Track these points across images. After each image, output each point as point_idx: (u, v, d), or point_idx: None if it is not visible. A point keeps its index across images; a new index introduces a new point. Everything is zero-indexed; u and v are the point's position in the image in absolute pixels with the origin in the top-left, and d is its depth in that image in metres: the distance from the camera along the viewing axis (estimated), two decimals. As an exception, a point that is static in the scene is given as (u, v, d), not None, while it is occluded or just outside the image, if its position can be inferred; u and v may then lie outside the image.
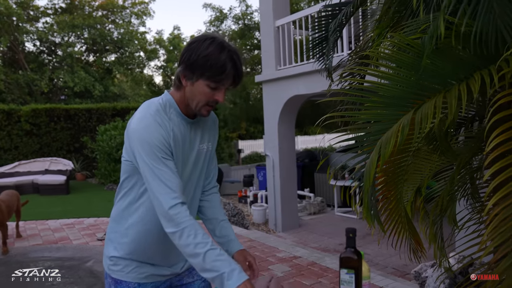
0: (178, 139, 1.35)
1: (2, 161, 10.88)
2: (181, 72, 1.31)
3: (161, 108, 1.34)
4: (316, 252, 4.43)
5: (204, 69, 1.26)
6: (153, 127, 1.27)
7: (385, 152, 1.34)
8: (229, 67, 1.26)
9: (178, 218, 1.21)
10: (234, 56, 1.29)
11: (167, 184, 1.23)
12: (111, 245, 1.44)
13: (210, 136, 1.52)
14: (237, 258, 1.45)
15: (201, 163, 1.48)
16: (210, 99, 1.32)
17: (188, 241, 1.19)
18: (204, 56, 1.25)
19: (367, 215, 1.50)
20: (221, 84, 1.29)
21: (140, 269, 1.41)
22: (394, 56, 1.66)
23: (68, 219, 6.45)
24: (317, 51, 3.73)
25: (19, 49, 17.04)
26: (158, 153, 1.25)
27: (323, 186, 8.46)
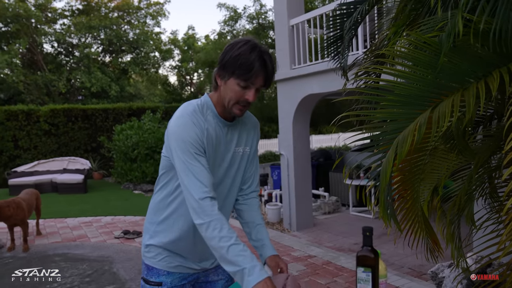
0: (212, 139, 1.39)
1: (22, 161, 11.14)
2: (216, 72, 1.39)
3: (198, 109, 1.39)
4: (331, 252, 4.42)
5: (234, 67, 1.31)
6: (188, 126, 1.33)
7: (402, 151, 1.34)
8: (257, 65, 1.30)
9: (207, 211, 1.26)
10: (265, 56, 1.32)
11: (198, 179, 1.29)
12: (147, 234, 1.52)
13: (248, 140, 1.54)
14: (270, 263, 1.47)
15: (236, 165, 1.51)
16: (241, 98, 1.35)
17: (213, 234, 1.24)
18: (236, 56, 1.31)
19: (384, 214, 1.50)
20: (250, 83, 1.33)
21: (170, 259, 1.48)
22: (410, 55, 1.65)
23: (86, 217, 6.57)
24: (332, 50, 3.71)
25: (37, 51, 17.40)
26: (191, 149, 1.31)
27: (338, 185, 8.42)
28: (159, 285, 1.48)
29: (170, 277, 1.49)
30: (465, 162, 2.42)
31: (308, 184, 6.91)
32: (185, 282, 1.52)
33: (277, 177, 8.87)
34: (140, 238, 5.13)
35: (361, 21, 3.37)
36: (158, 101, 18.30)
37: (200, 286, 1.60)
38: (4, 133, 11.00)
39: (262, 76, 1.33)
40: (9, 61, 15.07)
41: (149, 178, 9.74)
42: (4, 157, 11.08)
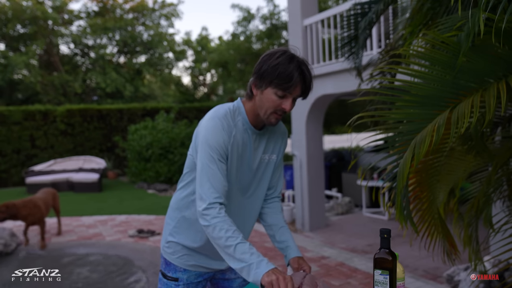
0: (238, 145, 1.41)
1: (39, 160, 11.34)
2: (252, 82, 1.40)
3: (230, 113, 1.41)
4: (344, 253, 4.39)
5: (272, 77, 1.32)
6: (217, 130, 1.35)
7: (420, 152, 1.33)
8: (296, 75, 1.32)
9: (213, 214, 1.29)
10: (303, 67, 1.35)
11: (212, 183, 1.32)
12: (168, 229, 1.56)
13: (275, 148, 1.56)
14: (293, 264, 1.48)
15: (261, 172, 1.52)
16: (278, 107, 1.36)
17: (220, 234, 1.26)
18: (274, 66, 1.32)
19: (400, 216, 1.49)
20: (288, 93, 1.34)
21: (188, 257, 1.52)
22: (428, 54, 1.64)
23: (101, 216, 6.66)
24: (346, 50, 3.69)
25: (54, 52, 17.70)
26: (214, 154, 1.34)
27: (351, 186, 8.36)
28: (176, 281, 1.52)
29: (187, 273, 1.52)
30: (483, 163, 2.38)
31: (321, 185, 6.88)
32: (201, 279, 1.55)
33: (290, 177, 8.85)
34: (154, 237, 5.17)
35: (376, 21, 3.35)
36: (172, 102, 18.43)
37: (216, 282, 1.63)
38: (21, 132, 11.21)
39: (300, 86, 1.35)
40: (27, 62, 15.36)
41: (163, 177, 9.82)
42: (21, 156, 11.30)
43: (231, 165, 1.40)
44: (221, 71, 14.31)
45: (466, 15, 1.60)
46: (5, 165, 11.07)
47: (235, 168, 1.43)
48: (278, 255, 4.15)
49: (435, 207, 2.05)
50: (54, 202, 5.38)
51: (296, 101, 1.41)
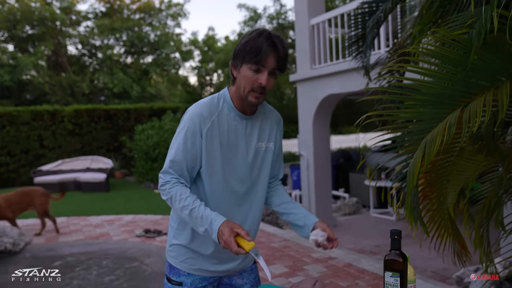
0: (222, 132, 1.40)
1: (47, 160, 11.43)
2: (231, 64, 1.42)
3: (215, 100, 1.43)
4: (352, 253, 4.35)
5: (244, 53, 1.33)
6: (196, 115, 1.38)
7: (431, 152, 1.30)
8: (264, 46, 1.31)
9: (166, 188, 1.38)
10: (273, 38, 1.34)
11: (175, 157, 1.38)
12: (171, 232, 1.53)
13: (271, 135, 1.53)
14: (320, 225, 1.45)
15: (260, 161, 1.50)
16: (255, 83, 1.35)
17: (180, 204, 1.33)
18: (245, 42, 1.34)
19: (410, 216, 1.46)
20: (261, 66, 1.33)
21: (192, 261, 1.48)
22: (438, 52, 1.61)
23: (108, 215, 6.68)
24: (354, 49, 3.66)
25: (62, 53, 17.84)
26: (185, 137, 1.38)
27: (358, 186, 8.31)
28: (180, 285, 1.49)
29: (191, 277, 1.49)
30: (493, 163, 2.34)
31: (328, 185, 6.85)
32: (206, 283, 1.51)
33: (297, 177, 8.82)
34: (160, 237, 5.18)
35: (384, 19, 3.32)
36: (179, 102, 18.48)
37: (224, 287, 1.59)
38: (30, 132, 11.30)
39: (272, 57, 1.33)
40: (35, 63, 15.50)
41: (170, 177, 9.80)
42: (30, 156, 11.39)
43: (216, 152, 1.39)
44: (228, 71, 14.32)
45: (478, 13, 1.57)
46: (14, 165, 11.17)
47: (226, 158, 1.41)
48: (284, 255, 4.13)
49: (445, 207, 2.02)
50: (32, 202, 5.32)
51: (276, 76, 1.39)
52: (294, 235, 5.02)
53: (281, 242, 4.62)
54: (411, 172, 1.38)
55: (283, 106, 13.23)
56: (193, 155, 1.38)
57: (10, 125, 11.04)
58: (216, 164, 1.41)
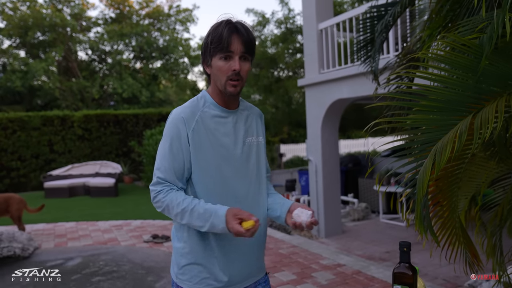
0: (211, 129, 1.38)
1: (57, 164, 11.53)
2: (202, 63, 1.42)
3: (195, 101, 1.42)
4: (360, 260, 4.30)
5: (209, 46, 1.34)
6: (175, 119, 1.36)
7: (441, 160, 1.27)
8: (225, 32, 1.31)
9: (160, 199, 1.35)
10: (233, 23, 1.34)
11: (163, 164, 1.36)
12: (178, 254, 1.43)
13: (259, 129, 1.52)
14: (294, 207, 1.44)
15: (254, 155, 1.47)
16: (228, 72, 1.34)
17: (178, 209, 1.31)
18: (207, 37, 1.35)
19: (420, 226, 1.43)
20: (229, 52, 1.32)
21: (207, 281, 1.38)
22: (448, 58, 1.57)
23: (116, 220, 6.70)
24: (362, 54, 3.63)
25: (72, 58, 18.04)
26: (171, 142, 1.36)
27: (367, 191, 8.23)
28: None
29: None
30: (506, 170, 2.29)
31: (337, 190, 6.79)
32: None
33: (305, 182, 8.77)
34: (168, 242, 5.17)
35: (393, 23, 3.28)
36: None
37: None
38: (40, 137, 11.42)
39: (237, 41, 1.33)
40: (46, 69, 15.69)
41: (178, 182, 9.80)
42: (40, 160, 11.50)
43: (208, 152, 1.36)
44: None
45: (489, 17, 1.53)
46: (24, 170, 11.29)
47: (220, 156, 1.38)
48: (292, 262, 4.09)
49: (456, 215, 1.97)
50: (8, 208, 5.31)
51: (249, 61, 1.38)
52: (302, 241, 4.98)
53: (289, 249, 4.58)
54: (421, 180, 1.35)
55: (292, 111, 13.18)
56: (180, 160, 1.35)
57: (21, 130, 11.17)
58: (210, 164, 1.36)
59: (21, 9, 16.68)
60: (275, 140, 17.75)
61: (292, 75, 13.21)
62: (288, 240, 4.97)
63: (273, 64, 12.55)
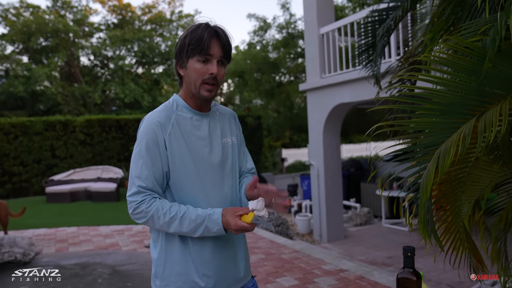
0: (187, 132, 1.36)
1: (59, 169, 11.53)
2: (175, 64, 1.39)
3: (169, 103, 1.40)
4: (363, 265, 4.26)
5: (187, 47, 1.31)
6: (154, 124, 1.33)
7: (445, 164, 1.25)
8: (205, 34, 1.30)
9: (143, 209, 1.29)
10: (213, 27, 1.33)
11: (142, 171, 1.31)
12: (157, 265, 1.40)
13: (232, 130, 1.50)
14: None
15: (230, 158, 1.45)
16: (205, 74, 1.32)
17: (165, 219, 1.27)
18: (184, 38, 1.33)
19: (424, 230, 1.41)
20: (208, 55, 1.31)
21: None
22: (451, 61, 1.56)
23: (118, 225, 6.68)
24: (364, 58, 3.63)
25: (75, 63, 18.11)
26: (152, 149, 1.32)
27: (369, 196, 8.20)
28: None
29: None
30: (510, 174, 2.27)
31: (339, 195, 6.76)
32: None
33: (307, 187, 8.74)
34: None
35: (394, 27, 3.28)
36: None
37: None
38: (42, 142, 11.44)
39: (216, 45, 1.32)
40: (49, 74, 15.74)
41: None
42: (42, 165, 11.51)
43: (186, 156, 1.33)
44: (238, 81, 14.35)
45: (492, 19, 1.52)
46: (26, 175, 11.29)
47: (199, 158, 1.35)
48: (294, 267, 4.06)
49: (460, 220, 1.95)
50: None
51: (225, 66, 1.37)
52: (304, 246, 4.94)
53: (292, 254, 4.55)
54: (424, 184, 1.33)
55: (293, 115, 13.17)
56: (159, 166, 1.32)
57: (23, 135, 11.19)
58: (188, 168, 1.34)
59: (24, 15, 16.78)
60: (277, 145, 17.72)
61: (294, 80, 13.21)
62: (290, 245, 4.94)
63: (274, 68, 12.56)
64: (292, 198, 9.15)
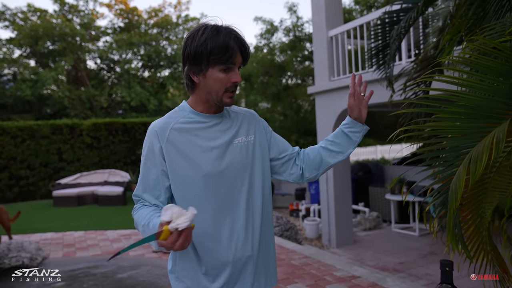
0: (192, 135, 1.30)
1: (66, 173, 11.54)
2: (189, 70, 1.29)
3: (174, 111, 1.37)
4: (375, 272, 4.18)
5: (208, 55, 1.22)
6: (149, 133, 1.32)
7: (477, 170, 1.18)
8: (231, 43, 1.22)
9: (133, 216, 1.30)
10: (233, 32, 1.25)
11: (142, 182, 1.31)
12: (172, 278, 1.38)
13: (250, 129, 1.42)
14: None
15: (245, 157, 1.36)
16: (228, 84, 1.27)
17: (140, 225, 1.23)
18: (202, 44, 1.22)
19: (452, 240, 1.34)
20: (231, 64, 1.25)
21: None
22: (477, 62, 1.49)
23: (125, 230, 6.64)
24: (375, 61, 3.56)
25: (81, 67, 18.18)
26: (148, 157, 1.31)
27: (378, 200, 8.10)
28: None
29: None
30: (533, 179, 2.19)
31: (348, 199, 6.68)
32: None
33: (315, 191, 8.66)
34: (177, 252, 5.08)
35: (408, 28, 3.21)
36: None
37: None
38: (49, 146, 11.46)
39: (239, 52, 1.26)
40: (56, 78, 15.80)
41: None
42: (49, 169, 11.52)
43: (185, 163, 1.27)
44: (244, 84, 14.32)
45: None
46: (33, 178, 11.30)
47: (205, 161, 1.28)
48: (305, 273, 3.99)
49: (484, 227, 1.87)
50: (0, 218, 5.26)
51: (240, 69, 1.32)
52: (314, 252, 4.87)
53: (302, 259, 4.48)
54: (454, 191, 1.26)
55: (300, 119, 13.11)
56: (153, 175, 1.28)
57: (30, 139, 11.21)
58: (189, 175, 1.27)
59: (31, 19, 16.89)
60: (283, 148, 17.61)
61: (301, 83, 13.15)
62: (299, 251, 4.86)
63: (281, 71, 12.51)
64: (300, 202, 9.07)
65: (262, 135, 1.45)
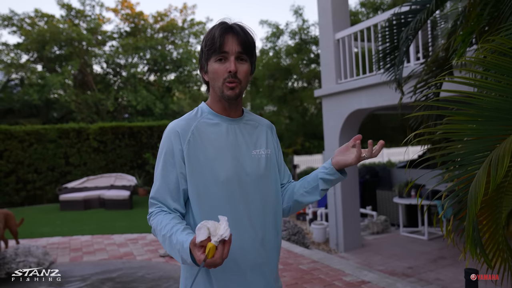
0: (211, 139, 1.29)
1: (73, 177, 11.57)
2: (200, 70, 1.35)
3: (194, 112, 1.36)
4: (385, 277, 4.12)
5: (204, 49, 1.28)
6: (169, 133, 1.29)
7: (498, 173, 1.14)
8: (218, 32, 1.24)
9: (150, 223, 1.26)
10: (227, 24, 1.27)
11: (157, 185, 1.27)
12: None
13: (269, 142, 1.41)
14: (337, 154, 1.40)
15: (263, 169, 1.34)
16: (225, 74, 1.26)
17: (161, 234, 1.18)
18: (202, 41, 1.29)
19: (471, 247, 1.30)
20: (224, 53, 1.25)
21: None
22: (494, 63, 1.46)
23: (131, 234, 6.62)
24: (384, 63, 3.53)
25: (88, 71, 18.28)
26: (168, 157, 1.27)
27: (386, 203, 8.02)
28: None
29: None
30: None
31: (356, 203, 6.62)
32: None
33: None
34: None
35: (417, 31, 3.18)
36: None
37: None
38: (56, 150, 11.50)
39: (232, 40, 1.25)
40: (62, 82, 15.89)
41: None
42: (56, 173, 11.56)
43: (204, 167, 1.25)
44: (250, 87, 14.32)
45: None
46: (40, 182, 11.35)
47: (220, 170, 1.26)
48: (314, 278, 3.94)
49: (500, 233, 1.83)
50: (9, 223, 5.18)
51: (248, 62, 1.28)
52: (322, 256, 4.82)
53: (310, 264, 4.43)
54: (473, 196, 1.22)
55: (306, 122, 13.06)
56: (173, 177, 1.25)
57: (37, 143, 11.27)
58: (208, 180, 1.24)
59: (39, 24, 17.02)
60: (289, 151, 17.60)
61: (307, 86, 13.11)
62: (307, 255, 4.81)
63: (287, 74, 12.49)
64: (307, 206, 9.01)
65: (277, 152, 1.45)
